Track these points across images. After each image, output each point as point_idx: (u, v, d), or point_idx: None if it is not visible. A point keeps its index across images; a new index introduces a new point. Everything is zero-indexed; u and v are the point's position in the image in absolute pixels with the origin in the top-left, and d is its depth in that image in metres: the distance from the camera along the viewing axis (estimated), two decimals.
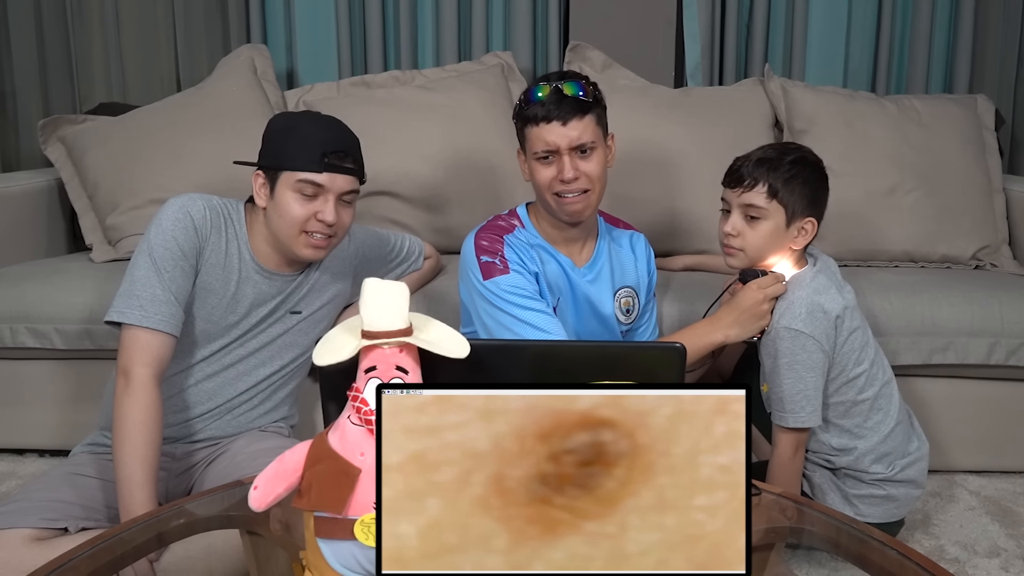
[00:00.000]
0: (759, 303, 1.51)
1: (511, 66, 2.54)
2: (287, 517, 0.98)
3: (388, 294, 0.88)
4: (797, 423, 1.51)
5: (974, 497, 1.93)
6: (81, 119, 2.36)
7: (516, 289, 1.52)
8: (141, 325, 1.38)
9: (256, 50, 2.51)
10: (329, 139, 1.44)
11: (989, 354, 1.91)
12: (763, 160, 1.49)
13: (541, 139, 1.51)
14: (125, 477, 1.32)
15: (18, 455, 2.10)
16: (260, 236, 1.52)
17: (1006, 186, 2.35)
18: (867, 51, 2.71)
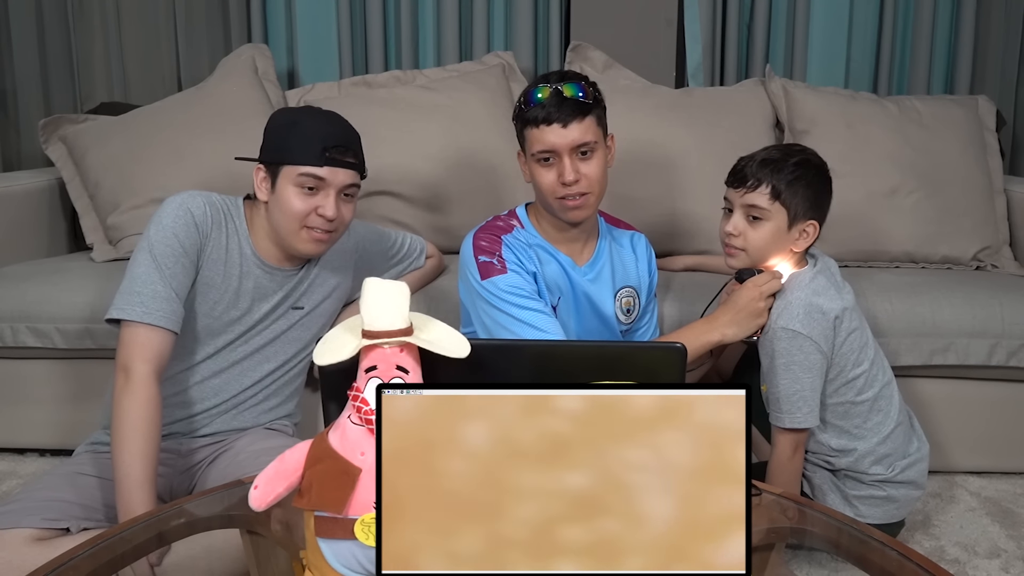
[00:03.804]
0: (755, 301, 1.51)
1: (512, 66, 2.54)
2: (288, 517, 0.98)
3: (389, 294, 0.88)
4: (794, 424, 1.51)
5: (974, 498, 1.93)
6: (82, 118, 2.36)
7: (514, 289, 1.52)
8: (142, 321, 1.38)
9: (257, 50, 2.51)
10: (330, 133, 1.45)
11: (990, 355, 1.91)
12: (767, 161, 1.49)
13: (541, 141, 1.51)
14: (124, 474, 1.31)
15: (19, 454, 2.10)
16: (261, 231, 1.52)
17: (1007, 187, 2.35)
18: (868, 52, 2.71)
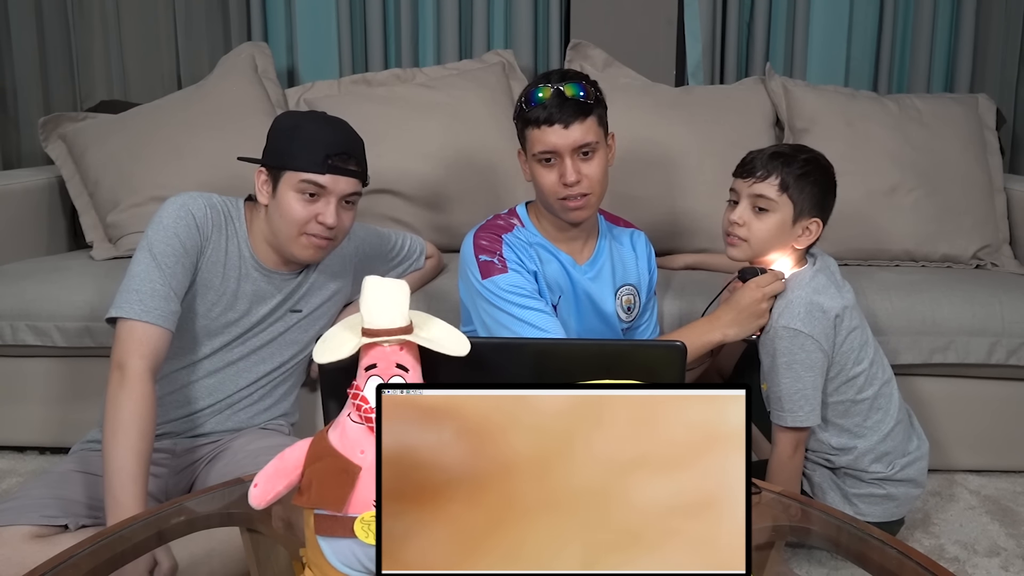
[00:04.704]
0: (758, 301, 1.51)
1: (512, 64, 2.54)
2: (288, 515, 0.98)
3: (388, 292, 0.88)
4: (796, 422, 1.51)
5: (974, 496, 1.93)
6: (82, 117, 2.36)
7: (514, 288, 1.52)
8: (138, 319, 1.37)
9: (257, 48, 2.51)
10: (333, 141, 1.44)
11: (989, 353, 1.91)
12: (778, 154, 1.51)
13: (542, 142, 1.51)
14: (117, 468, 1.28)
15: (19, 452, 2.10)
16: (260, 234, 1.52)
17: (1007, 185, 2.35)
18: (868, 50, 2.71)
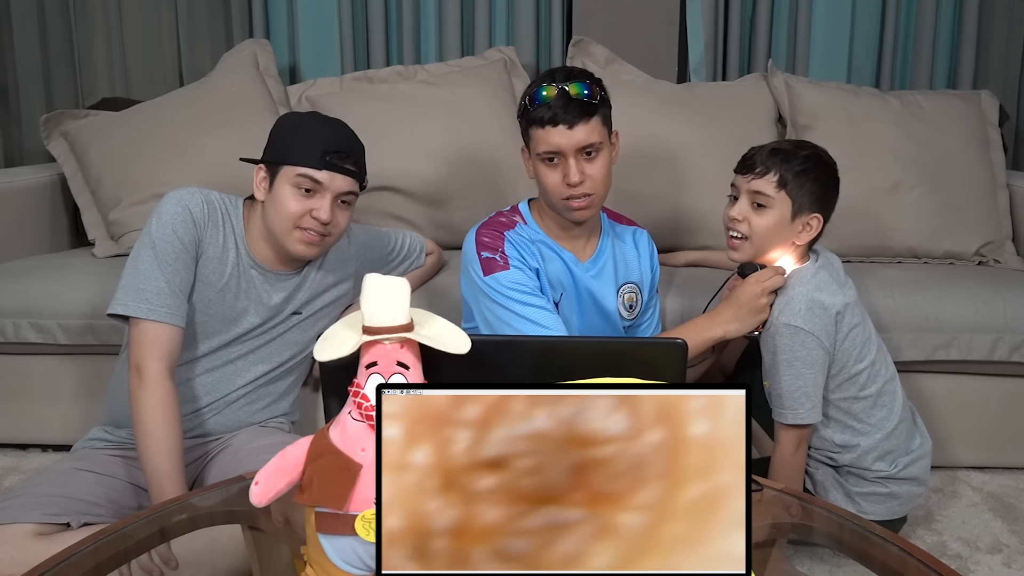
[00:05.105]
0: (758, 297, 1.51)
1: (514, 61, 2.54)
2: (289, 512, 0.98)
3: (389, 290, 0.88)
4: (797, 420, 1.51)
5: (977, 493, 1.93)
6: (84, 114, 2.36)
7: (516, 285, 1.52)
8: (149, 319, 1.39)
9: (259, 45, 2.51)
10: (332, 139, 1.46)
11: (992, 350, 1.90)
12: (777, 151, 1.51)
13: (546, 142, 1.50)
14: (152, 470, 1.34)
15: (21, 450, 2.11)
16: (257, 233, 1.52)
17: (1010, 182, 2.35)
18: (871, 47, 2.70)
